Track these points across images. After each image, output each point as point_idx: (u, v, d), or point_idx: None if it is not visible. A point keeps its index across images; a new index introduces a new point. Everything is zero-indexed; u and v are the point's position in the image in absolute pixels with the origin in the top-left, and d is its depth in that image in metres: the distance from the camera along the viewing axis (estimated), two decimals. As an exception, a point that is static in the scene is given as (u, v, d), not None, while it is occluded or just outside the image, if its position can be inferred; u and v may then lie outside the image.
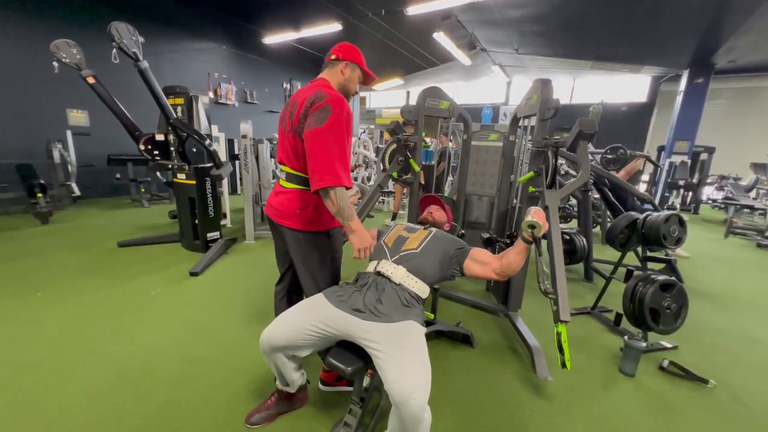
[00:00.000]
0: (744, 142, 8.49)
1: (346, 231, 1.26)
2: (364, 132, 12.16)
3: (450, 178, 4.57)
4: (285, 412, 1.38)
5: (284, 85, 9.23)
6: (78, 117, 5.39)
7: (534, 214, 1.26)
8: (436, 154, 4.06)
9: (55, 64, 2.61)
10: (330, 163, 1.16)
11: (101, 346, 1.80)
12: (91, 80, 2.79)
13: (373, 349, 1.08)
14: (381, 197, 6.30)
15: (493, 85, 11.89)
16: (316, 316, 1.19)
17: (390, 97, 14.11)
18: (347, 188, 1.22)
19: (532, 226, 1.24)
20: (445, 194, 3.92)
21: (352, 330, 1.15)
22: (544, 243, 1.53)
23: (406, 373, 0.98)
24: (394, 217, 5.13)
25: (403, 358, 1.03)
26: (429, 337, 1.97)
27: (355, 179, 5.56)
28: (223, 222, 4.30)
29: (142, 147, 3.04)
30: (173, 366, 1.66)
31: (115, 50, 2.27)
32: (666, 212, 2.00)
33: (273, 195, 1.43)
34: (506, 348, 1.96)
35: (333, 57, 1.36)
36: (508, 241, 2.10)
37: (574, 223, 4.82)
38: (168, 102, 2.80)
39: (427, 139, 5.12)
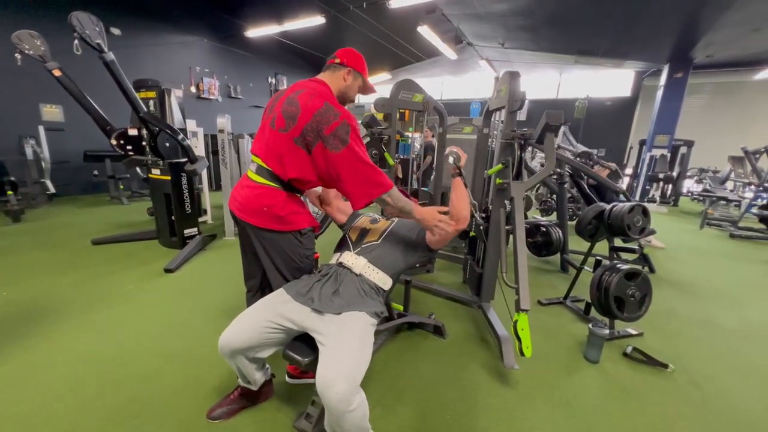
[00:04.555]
0: (722, 136, 8.71)
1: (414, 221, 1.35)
2: (352, 127, 12.06)
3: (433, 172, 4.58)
4: (248, 406, 1.38)
5: (269, 80, 9.10)
6: (51, 112, 5.23)
7: (450, 149, 1.46)
8: (420, 147, 4.07)
9: (18, 56, 2.51)
10: (371, 173, 1.20)
11: (68, 343, 1.77)
12: (57, 73, 2.69)
13: (318, 341, 1.09)
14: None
15: (481, 79, 11.89)
16: (273, 310, 1.18)
17: (379, 91, 13.96)
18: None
19: (453, 158, 1.42)
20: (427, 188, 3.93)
21: (306, 322, 1.15)
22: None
23: (331, 364, 0.98)
24: (382, 212, 5.12)
25: (336, 349, 1.03)
26: (400, 328, 1.99)
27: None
28: (203, 218, 4.25)
29: (114, 142, 2.96)
30: (141, 362, 1.65)
31: (76, 41, 2.20)
32: (630, 203, 2.05)
33: (238, 188, 1.34)
34: (477, 338, 1.99)
35: (337, 61, 1.32)
36: (483, 215, 2.13)
37: (555, 216, 4.89)
38: (138, 95, 2.73)
39: (417, 135, 5.12)
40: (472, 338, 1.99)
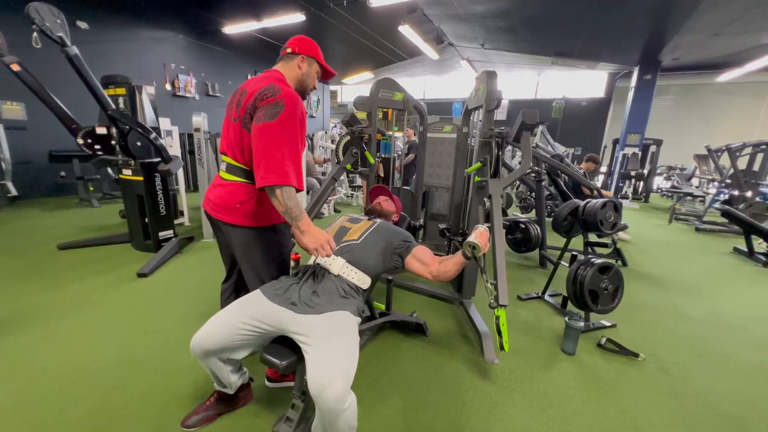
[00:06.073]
0: (688, 135, 9.19)
1: (295, 233, 1.18)
2: (335, 126, 12.00)
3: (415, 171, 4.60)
4: (225, 412, 1.34)
5: (249, 77, 8.88)
6: (12, 110, 4.90)
7: (478, 236, 1.27)
8: (403, 146, 4.09)
9: (-30, 49, 2.34)
10: (279, 160, 1.09)
11: (28, 355, 1.66)
12: (15, 68, 2.52)
13: (302, 342, 1.07)
14: (351, 191, 6.26)
15: (462, 79, 12.06)
16: (248, 312, 1.15)
17: (362, 91, 13.93)
18: (297, 189, 1.14)
19: (473, 247, 1.25)
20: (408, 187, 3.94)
21: (285, 324, 1.13)
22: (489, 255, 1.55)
23: (324, 365, 0.97)
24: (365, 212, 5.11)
25: (326, 349, 1.02)
26: (383, 328, 1.99)
27: (323, 174, 5.48)
28: (180, 220, 4.11)
29: (80, 141, 2.80)
30: (108, 371, 1.57)
31: (35, 34, 2.06)
32: (602, 199, 2.12)
33: (211, 188, 1.35)
34: (458, 335, 2.01)
35: (289, 50, 1.30)
36: (460, 239, 2.15)
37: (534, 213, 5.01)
38: (105, 92, 2.60)
39: (399, 134, 5.12)
40: (453, 335, 2.01)
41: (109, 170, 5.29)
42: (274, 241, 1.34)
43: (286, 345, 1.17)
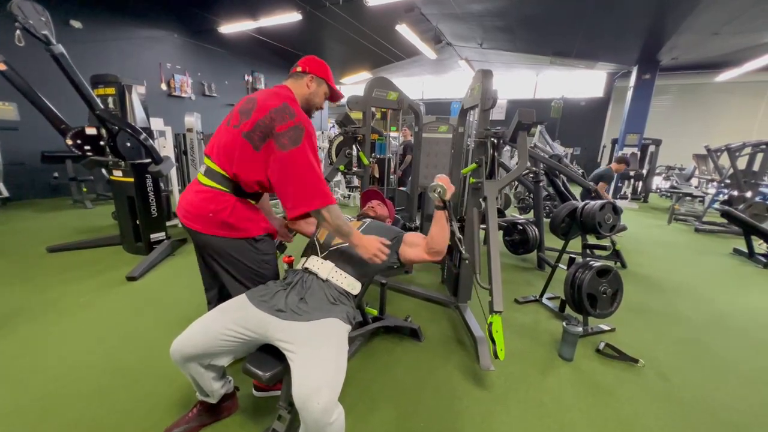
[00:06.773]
0: (687, 135, 9.16)
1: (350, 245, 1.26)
2: (333, 126, 11.95)
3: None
4: (209, 423, 1.29)
5: (246, 77, 8.84)
6: (5, 110, 4.85)
7: (437, 179, 1.33)
8: (399, 146, 4.04)
9: (-46, 47, 2.29)
10: (317, 182, 1.13)
11: (9, 362, 1.61)
12: (2, 67, 2.48)
13: (287, 350, 1.02)
14: (348, 192, 6.21)
15: (461, 79, 12.02)
16: (232, 318, 1.11)
17: (360, 91, 13.90)
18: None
19: (438, 191, 1.31)
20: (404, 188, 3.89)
21: (270, 331, 1.08)
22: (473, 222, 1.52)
23: (310, 374, 0.93)
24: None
25: (313, 358, 0.97)
26: (376, 333, 1.94)
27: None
28: (173, 222, 4.05)
29: (69, 141, 2.75)
30: (92, 379, 1.52)
31: (18, 32, 2.01)
32: (601, 200, 2.08)
33: (185, 194, 1.26)
34: (453, 340, 1.96)
35: (299, 69, 1.29)
36: (458, 225, 2.09)
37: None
38: (95, 92, 2.55)
39: (393, 134, 5.08)
40: (449, 340, 1.96)
41: (104, 171, 5.22)
42: (255, 251, 1.26)
43: (271, 354, 1.12)
